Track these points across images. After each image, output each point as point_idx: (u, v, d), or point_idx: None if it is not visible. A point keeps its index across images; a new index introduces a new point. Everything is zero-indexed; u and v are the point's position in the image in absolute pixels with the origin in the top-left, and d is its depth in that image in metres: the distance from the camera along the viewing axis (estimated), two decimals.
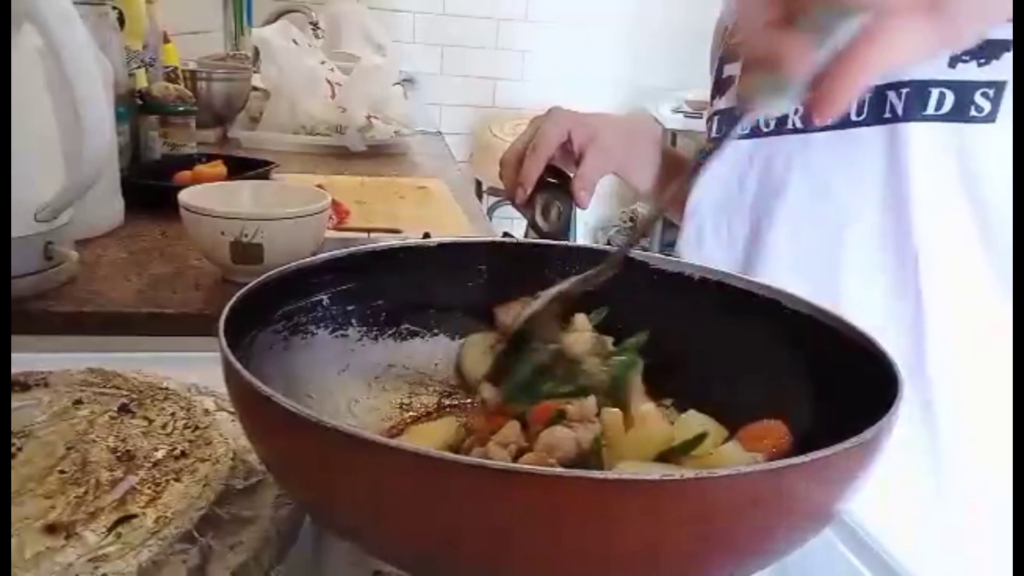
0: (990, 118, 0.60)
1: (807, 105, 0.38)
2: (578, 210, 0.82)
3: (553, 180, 0.80)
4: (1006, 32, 0.58)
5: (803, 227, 0.74)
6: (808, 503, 0.35)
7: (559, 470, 0.31)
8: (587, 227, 3.77)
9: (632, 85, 3.53)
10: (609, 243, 3.45)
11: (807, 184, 0.74)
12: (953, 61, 0.61)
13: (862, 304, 0.69)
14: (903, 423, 0.38)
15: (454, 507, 0.32)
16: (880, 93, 0.66)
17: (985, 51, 0.59)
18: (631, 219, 3.62)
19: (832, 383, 0.47)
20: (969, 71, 0.60)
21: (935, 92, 0.62)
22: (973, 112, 0.62)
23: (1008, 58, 0.58)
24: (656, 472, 0.31)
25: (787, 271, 0.74)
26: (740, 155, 0.78)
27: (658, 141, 0.97)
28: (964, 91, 0.60)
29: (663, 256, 0.61)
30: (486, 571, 0.35)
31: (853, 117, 0.69)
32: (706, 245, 0.82)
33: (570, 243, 0.73)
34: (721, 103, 0.79)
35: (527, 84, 3.57)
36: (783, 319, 0.52)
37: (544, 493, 0.31)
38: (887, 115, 0.67)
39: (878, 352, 0.44)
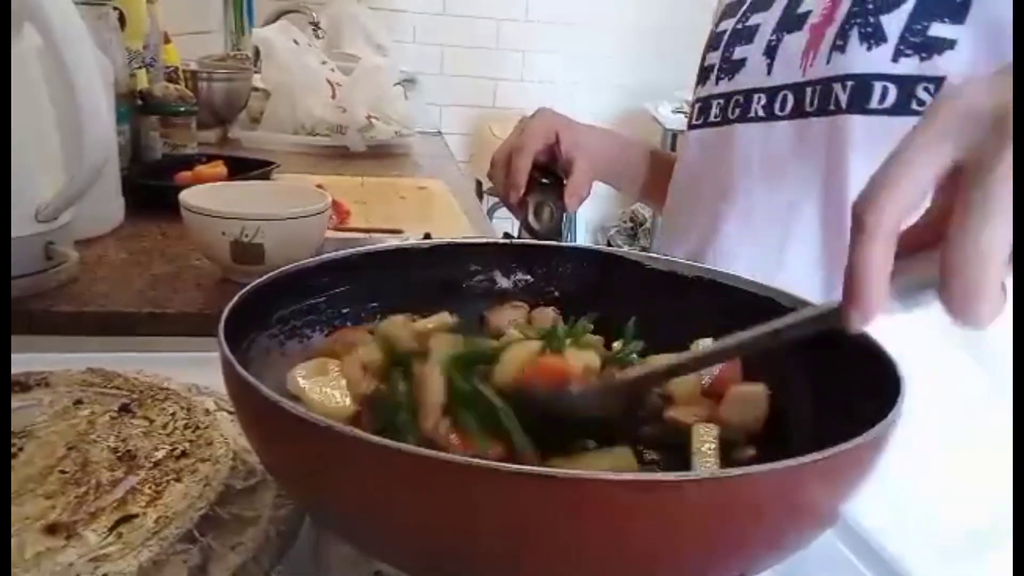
0: None
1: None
2: (578, 210, 0.82)
3: (545, 181, 0.80)
4: (947, 30, 0.58)
5: (756, 214, 0.75)
6: (816, 502, 0.35)
7: (569, 471, 0.31)
8: (587, 227, 3.77)
9: (632, 85, 3.53)
10: (609, 243, 3.45)
11: (763, 172, 0.74)
12: (896, 56, 0.61)
13: (804, 294, 0.70)
14: None
15: (459, 508, 0.32)
16: (827, 85, 0.66)
17: (927, 47, 0.60)
18: (631, 219, 3.62)
19: (832, 383, 0.47)
20: (911, 66, 0.60)
21: (878, 86, 0.62)
22: (915, 106, 0.62)
23: (949, 55, 0.59)
24: (669, 473, 0.31)
25: (739, 259, 0.75)
26: (710, 142, 0.79)
27: (644, 146, 0.98)
28: (906, 85, 0.61)
29: (660, 256, 0.61)
30: (492, 572, 0.35)
31: (807, 108, 0.70)
32: (673, 235, 0.83)
33: (568, 244, 0.73)
34: (701, 91, 0.79)
35: (527, 84, 3.57)
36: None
37: (554, 493, 0.31)
38: (831, 107, 0.67)
39: (878, 351, 0.44)
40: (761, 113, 0.72)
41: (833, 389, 0.47)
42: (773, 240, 0.73)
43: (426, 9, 3.44)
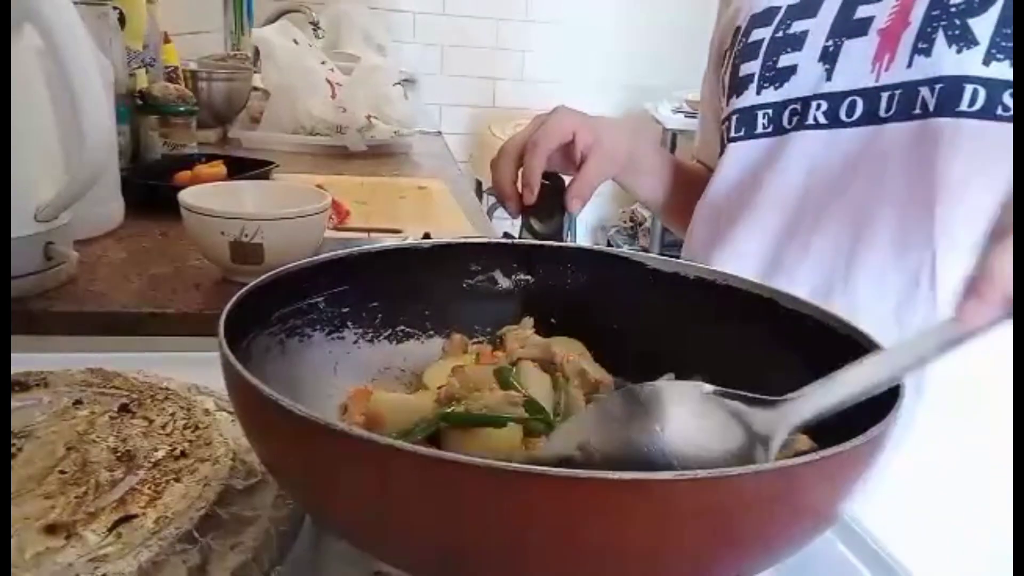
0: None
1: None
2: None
3: (546, 181, 0.80)
4: None
5: (821, 226, 0.73)
6: (816, 501, 0.35)
7: (570, 471, 0.31)
8: (587, 227, 3.77)
9: (632, 85, 3.53)
10: (609, 243, 3.45)
11: (828, 180, 0.72)
12: (987, 59, 0.61)
13: (874, 302, 0.69)
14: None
15: (460, 508, 0.32)
16: (912, 89, 0.65)
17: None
18: (631, 219, 3.62)
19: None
20: (1003, 70, 0.60)
21: (969, 89, 0.62)
22: (1000, 111, 0.62)
23: None
24: (667, 472, 0.31)
25: (804, 269, 0.73)
26: (758, 154, 0.76)
27: (662, 150, 0.96)
28: (995, 89, 0.61)
29: (659, 256, 0.61)
30: (491, 571, 0.35)
31: (881, 114, 0.69)
32: (724, 247, 0.81)
33: (568, 244, 0.73)
34: (738, 102, 0.77)
35: (527, 84, 3.57)
36: (781, 319, 0.52)
37: (554, 493, 0.31)
38: (917, 111, 0.67)
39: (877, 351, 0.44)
40: (823, 120, 0.71)
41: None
42: (843, 245, 0.71)
43: (426, 9, 3.43)
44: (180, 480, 0.46)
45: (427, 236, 1.07)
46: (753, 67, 0.75)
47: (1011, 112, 0.60)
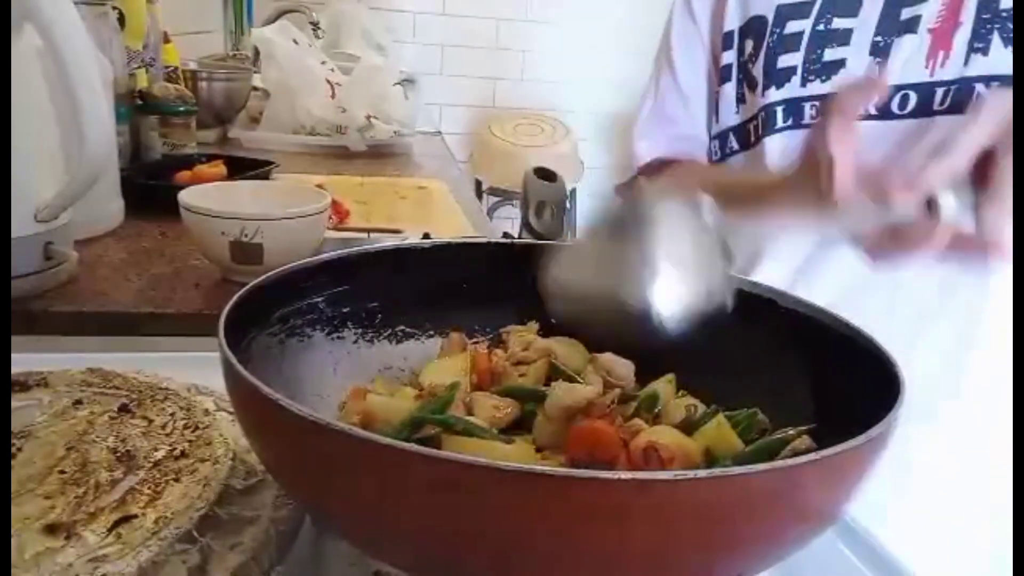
0: None
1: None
2: (577, 210, 0.81)
3: (546, 181, 0.80)
4: None
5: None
6: (816, 501, 0.35)
7: (572, 471, 0.31)
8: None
9: (632, 85, 3.52)
10: None
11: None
12: None
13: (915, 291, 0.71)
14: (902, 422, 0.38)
15: (458, 508, 0.32)
16: (968, 85, 0.67)
17: None
18: None
19: (832, 383, 0.47)
20: None
21: None
22: None
23: None
24: (667, 472, 0.31)
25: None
26: (798, 147, 0.77)
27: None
28: None
29: None
30: (494, 571, 0.35)
31: (935, 107, 0.70)
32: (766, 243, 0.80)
33: (567, 243, 0.73)
34: (780, 93, 0.77)
35: (527, 84, 3.57)
36: (781, 319, 0.52)
37: (554, 493, 0.31)
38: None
39: (878, 352, 0.44)
40: (873, 111, 0.72)
41: (833, 389, 0.47)
42: None
43: (426, 9, 3.43)
44: (180, 480, 0.46)
45: (427, 236, 1.07)
46: (795, 59, 0.75)
47: None
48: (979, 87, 0.67)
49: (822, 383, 0.48)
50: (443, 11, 3.45)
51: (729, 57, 0.81)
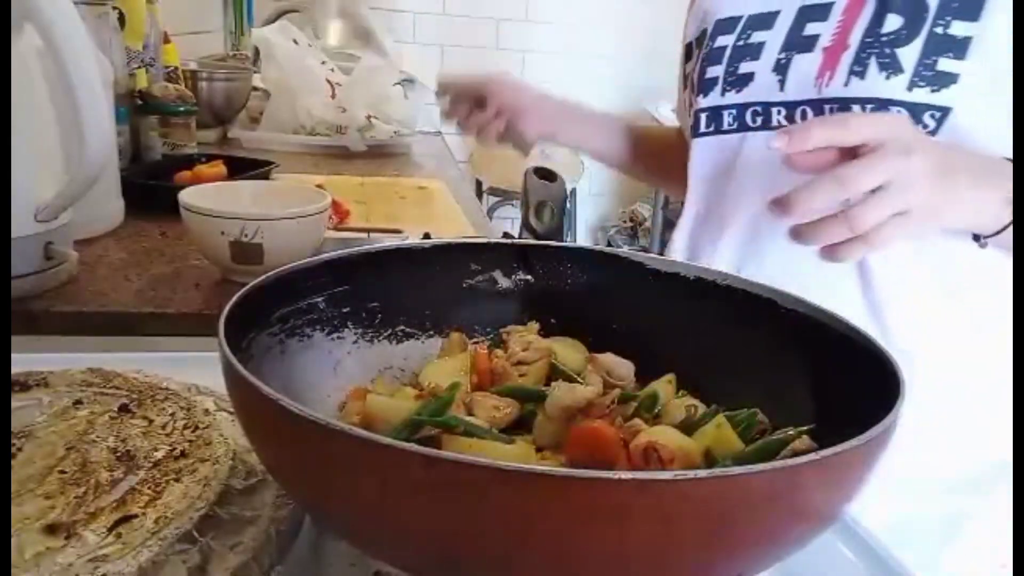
0: (933, 134, 0.67)
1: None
2: (578, 210, 0.82)
3: (545, 180, 0.80)
4: (954, 66, 0.66)
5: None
6: (817, 501, 0.35)
7: (572, 471, 0.31)
8: (587, 227, 3.77)
9: (632, 85, 3.53)
10: (609, 243, 3.45)
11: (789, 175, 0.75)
12: (911, 86, 0.68)
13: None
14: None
15: (458, 508, 0.32)
16: (846, 105, 0.71)
17: (938, 80, 0.67)
18: (631, 219, 3.62)
19: (832, 383, 0.47)
20: (923, 95, 0.67)
21: (893, 110, 0.68)
22: (921, 129, 0.68)
23: (955, 88, 0.66)
24: (667, 472, 0.31)
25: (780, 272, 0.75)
26: (723, 150, 0.81)
27: (591, 111, 1.09)
28: (916, 111, 0.67)
29: (659, 256, 0.61)
30: (495, 571, 0.35)
31: None
32: (704, 247, 0.83)
33: (568, 244, 0.73)
34: (705, 101, 0.82)
35: None
36: (781, 319, 0.52)
37: (554, 493, 0.31)
38: None
39: (878, 352, 0.44)
40: (784, 122, 0.77)
41: (833, 389, 0.47)
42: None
43: (426, 9, 3.43)
44: (180, 480, 0.46)
45: (427, 236, 1.07)
46: (718, 71, 0.81)
47: (929, 130, 0.67)
48: (855, 108, 0.70)
49: (822, 383, 0.48)
50: (443, 11, 3.45)
51: (689, 67, 0.88)
